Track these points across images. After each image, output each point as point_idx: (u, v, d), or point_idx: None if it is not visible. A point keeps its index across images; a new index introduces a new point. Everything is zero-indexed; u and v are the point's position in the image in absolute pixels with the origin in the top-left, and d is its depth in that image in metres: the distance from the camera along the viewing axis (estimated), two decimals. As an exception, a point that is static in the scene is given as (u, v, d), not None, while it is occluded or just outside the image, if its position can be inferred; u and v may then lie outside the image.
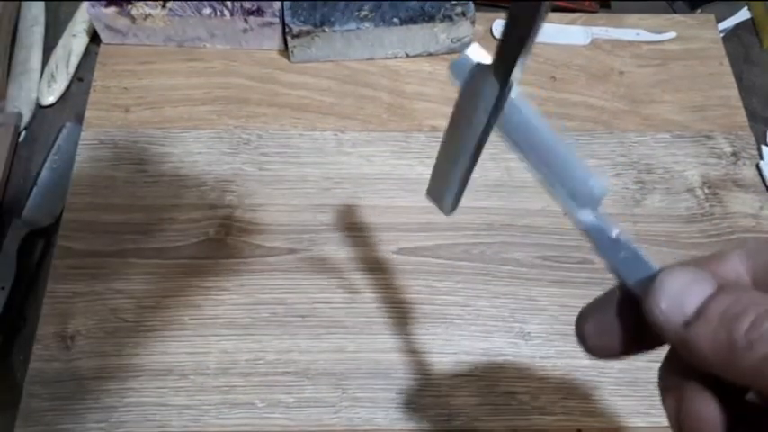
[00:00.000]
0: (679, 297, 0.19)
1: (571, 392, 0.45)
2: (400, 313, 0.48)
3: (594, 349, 0.22)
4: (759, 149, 0.55)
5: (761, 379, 0.17)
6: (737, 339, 0.17)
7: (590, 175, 0.22)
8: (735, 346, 0.17)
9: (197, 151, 0.53)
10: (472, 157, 0.25)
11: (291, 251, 0.49)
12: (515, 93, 0.22)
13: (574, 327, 0.22)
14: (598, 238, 0.22)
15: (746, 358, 0.17)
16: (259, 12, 0.55)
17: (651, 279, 0.20)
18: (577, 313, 0.22)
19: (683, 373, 0.20)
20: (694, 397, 0.20)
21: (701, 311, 0.18)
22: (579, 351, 0.24)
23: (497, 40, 0.19)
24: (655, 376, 0.22)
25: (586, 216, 0.22)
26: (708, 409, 0.19)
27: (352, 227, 0.50)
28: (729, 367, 0.18)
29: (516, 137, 0.23)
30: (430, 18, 0.55)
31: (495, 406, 0.45)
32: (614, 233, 0.21)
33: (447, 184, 0.26)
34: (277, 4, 0.55)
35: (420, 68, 0.58)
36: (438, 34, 0.56)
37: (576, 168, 0.22)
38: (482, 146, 0.24)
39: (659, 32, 0.61)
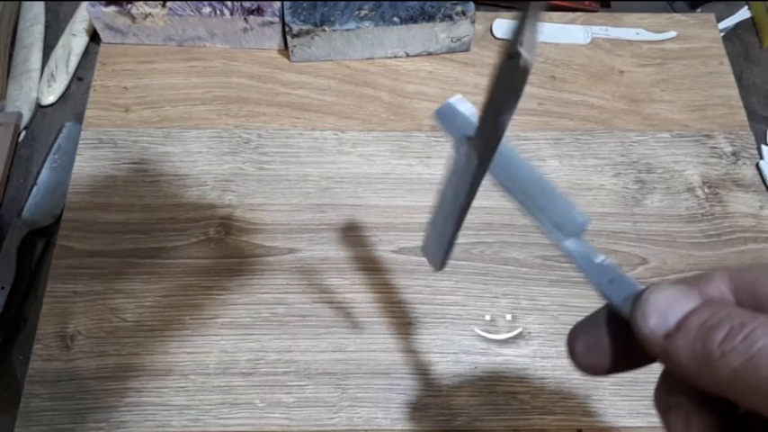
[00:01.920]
0: (664, 310, 0.20)
1: (571, 392, 0.45)
2: (400, 313, 0.48)
3: (585, 366, 0.23)
4: (759, 149, 0.55)
5: (734, 389, 0.18)
6: (712, 350, 0.18)
7: (572, 208, 0.23)
8: (710, 357, 0.18)
9: (197, 151, 0.53)
10: (457, 220, 0.27)
11: (291, 251, 0.49)
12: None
13: (566, 343, 0.23)
14: (584, 264, 0.23)
15: (721, 369, 0.18)
16: (259, 11, 0.55)
17: (638, 296, 0.21)
18: (568, 331, 0.23)
19: (685, 391, 0.20)
20: (703, 414, 0.20)
21: (681, 324, 0.19)
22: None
23: (488, 88, 0.20)
24: (655, 376, 0.23)
25: (572, 245, 0.23)
26: (716, 425, 0.20)
27: (352, 227, 0.50)
28: (706, 378, 0.18)
29: (502, 177, 0.24)
30: (430, 17, 0.55)
31: (496, 406, 0.45)
32: (599, 259, 0.23)
33: (437, 244, 0.29)
34: (277, 4, 0.55)
35: (420, 68, 0.58)
36: (438, 33, 0.56)
37: (559, 202, 0.24)
38: (466, 210, 0.26)
39: (659, 32, 0.61)
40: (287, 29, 0.54)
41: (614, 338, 0.22)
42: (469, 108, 0.26)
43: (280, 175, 0.52)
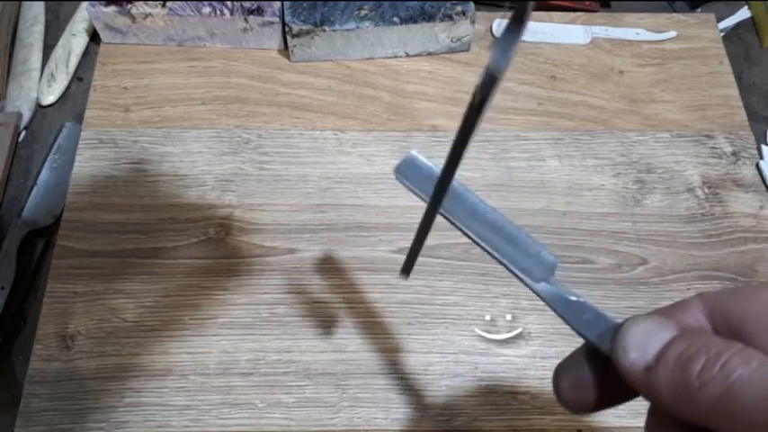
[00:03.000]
0: (642, 343, 0.20)
1: (571, 392, 0.45)
2: (400, 313, 0.48)
3: (570, 404, 0.23)
4: (759, 149, 0.55)
5: (714, 420, 0.18)
6: (691, 381, 0.18)
7: (540, 249, 0.24)
8: (689, 388, 0.18)
9: (197, 151, 0.53)
10: (421, 233, 0.28)
11: (291, 251, 0.49)
12: (460, 185, 0.25)
13: (551, 382, 0.24)
14: (559, 305, 0.23)
15: (700, 400, 0.18)
16: (259, 11, 0.55)
17: (616, 331, 0.21)
18: (553, 370, 0.24)
19: (676, 425, 0.20)
20: None
21: (660, 356, 0.19)
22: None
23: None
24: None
25: (544, 288, 0.24)
26: None
27: (352, 227, 0.50)
28: (687, 409, 0.19)
29: (467, 226, 0.25)
30: (430, 17, 0.55)
31: (496, 406, 0.45)
32: (573, 298, 0.23)
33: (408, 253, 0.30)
34: (277, 4, 0.55)
35: (420, 68, 0.58)
36: (438, 33, 0.56)
37: (526, 246, 0.24)
38: (427, 228, 0.27)
39: (659, 32, 0.61)
40: (287, 29, 0.54)
41: (597, 375, 0.22)
42: (427, 161, 0.26)
43: (280, 176, 0.52)
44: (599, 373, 0.22)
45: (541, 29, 0.60)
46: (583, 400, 0.23)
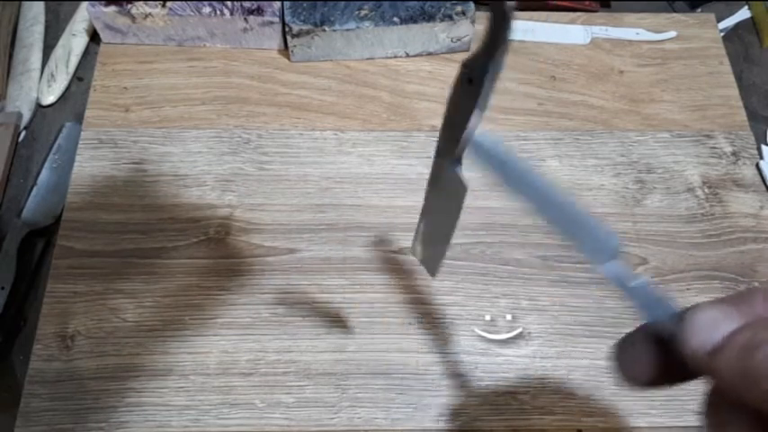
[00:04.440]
0: (707, 330, 0.21)
1: (571, 392, 0.45)
2: (400, 313, 0.48)
3: (628, 378, 0.24)
4: (759, 149, 0.55)
5: None
6: (755, 369, 0.19)
7: (606, 232, 0.24)
8: (751, 375, 0.19)
9: (197, 151, 0.53)
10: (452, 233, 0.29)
11: (291, 251, 0.49)
12: (528, 165, 0.25)
13: (610, 356, 0.25)
14: (624, 286, 0.24)
15: (762, 386, 0.19)
16: (259, 11, 0.55)
17: (678, 316, 0.22)
18: (613, 345, 0.25)
19: (736, 408, 0.21)
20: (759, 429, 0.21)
21: (724, 343, 0.20)
22: (579, 351, 0.25)
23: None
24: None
25: (610, 268, 0.24)
26: None
27: (352, 227, 0.50)
28: (749, 394, 0.19)
29: (537, 205, 0.26)
30: (430, 17, 0.55)
31: (496, 406, 0.45)
32: (638, 280, 0.24)
33: (438, 254, 0.30)
34: (277, 4, 0.55)
35: (420, 68, 0.58)
36: (438, 33, 0.56)
37: (594, 228, 0.25)
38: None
39: (659, 32, 0.61)
40: (287, 29, 0.54)
41: (656, 355, 0.23)
42: (495, 139, 0.27)
43: (280, 176, 0.52)
44: (657, 353, 0.23)
45: (541, 29, 0.60)
46: (640, 375, 0.24)
